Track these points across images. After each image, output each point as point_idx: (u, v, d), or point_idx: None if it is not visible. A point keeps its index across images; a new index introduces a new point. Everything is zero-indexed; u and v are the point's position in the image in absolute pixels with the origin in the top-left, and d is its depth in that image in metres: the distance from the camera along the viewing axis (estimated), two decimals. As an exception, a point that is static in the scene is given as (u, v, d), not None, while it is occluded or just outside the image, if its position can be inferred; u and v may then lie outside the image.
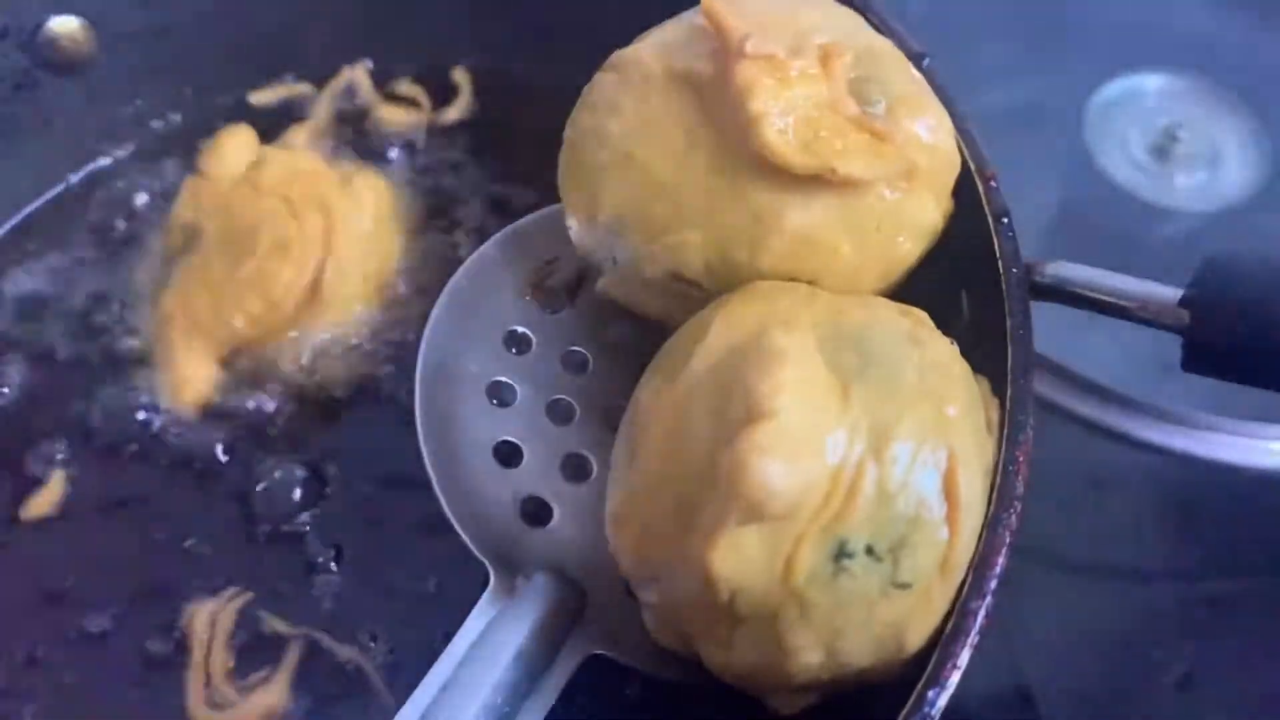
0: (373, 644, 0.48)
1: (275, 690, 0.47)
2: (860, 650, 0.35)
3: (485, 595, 0.40)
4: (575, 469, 0.44)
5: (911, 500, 0.34)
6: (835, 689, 0.37)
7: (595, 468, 0.44)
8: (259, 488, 0.51)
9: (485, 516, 0.42)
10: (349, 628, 0.48)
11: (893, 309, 0.39)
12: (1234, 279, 0.39)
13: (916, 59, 0.43)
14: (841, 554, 0.34)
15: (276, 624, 0.48)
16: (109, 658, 0.48)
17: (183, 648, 0.48)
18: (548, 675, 0.39)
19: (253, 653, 0.48)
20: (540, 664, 0.39)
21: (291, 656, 0.47)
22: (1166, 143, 0.69)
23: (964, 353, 0.39)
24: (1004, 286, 0.40)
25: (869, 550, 0.34)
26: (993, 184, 0.42)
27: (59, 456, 0.52)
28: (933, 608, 0.35)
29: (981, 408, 0.38)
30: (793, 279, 0.39)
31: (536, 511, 0.43)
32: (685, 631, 0.37)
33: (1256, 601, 0.57)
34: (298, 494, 0.51)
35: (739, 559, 0.33)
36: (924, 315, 0.39)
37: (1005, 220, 0.42)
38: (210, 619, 0.48)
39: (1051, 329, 0.43)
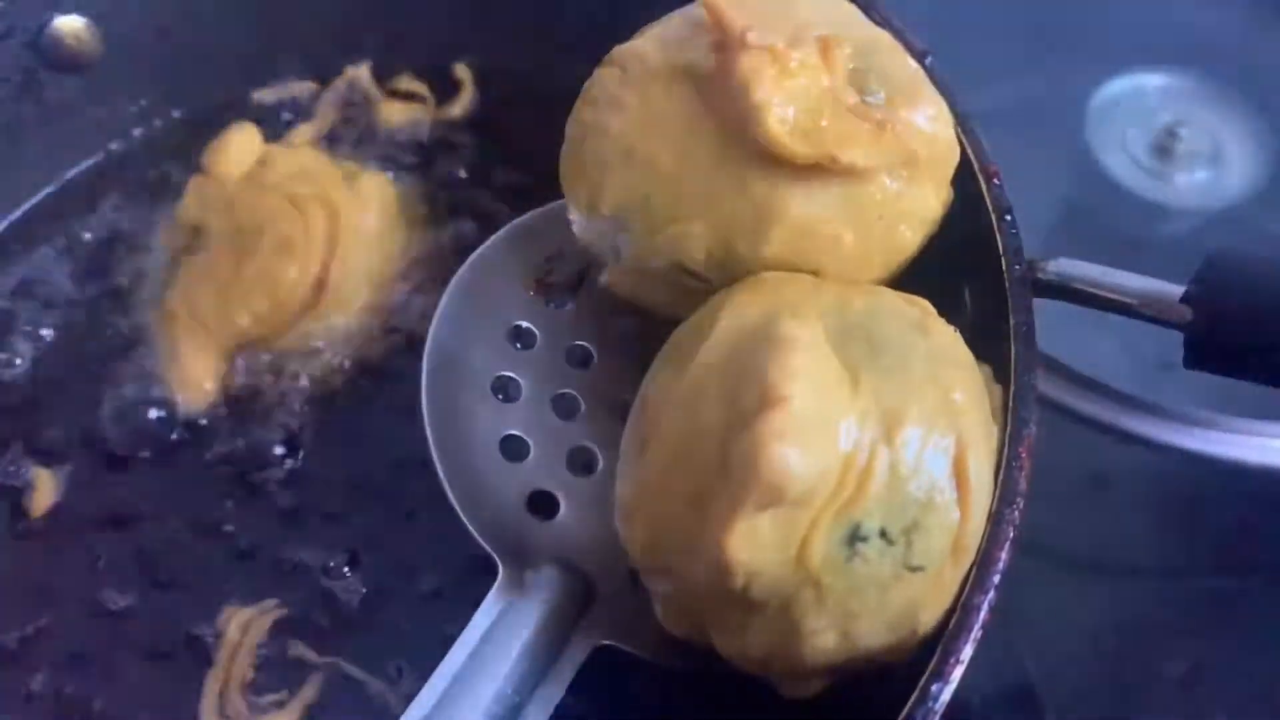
0: (400, 676, 0.47)
1: (287, 717, 0.46)
2: (874, 632, 0.36)
3: (494, 588, 0.41)
4: (581, 462, 0.44)
5: (923, 484, 0.35)
6: (848, 672, 0.37)
7: (601, 461, 0.44)
8: (265, 490, 0.51)
9: (493, 510, 0.43)
10: (373, 654, 0.47)
11: (898, 298, 0.39)
12: (1236, 276, 0.39)
13: (919, 57, 0.43)
14: (855, 538, 0.34)
15: (301, 649, 0.47)
16: (125, 640, 0.48)
17: (203, 646, 0.47)
18: (557, 666, 0.40)
19: (274, 671, 0.47)
20: (550, 655, 0.40)
21: (311, 687, 0.47)
22: (1168, 141, 0.69)
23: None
24: (1006, 283, 0.41)
25: (883, 533, 0.35)
26: (995, 181, 0.43)
27: (62, 451, 0.52)
28: (945, 589, 0.36)
29: (986, 393, 0.38)
30: (795, 269, 0.39)
31: (544, 505, 0.43)
32: (698, 620, 0.38)
33: (1259, 598, 0.57)
34: (302, 496, 0.51)
35: (755, 545, 0.34)
36: (927, 304, 0.39)
37: (1008, 217, 0.42)
38: (244, 626, 0.48)
39: (1054, 327, 0.44)
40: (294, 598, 0.49)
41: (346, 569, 0.49)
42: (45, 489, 0.52)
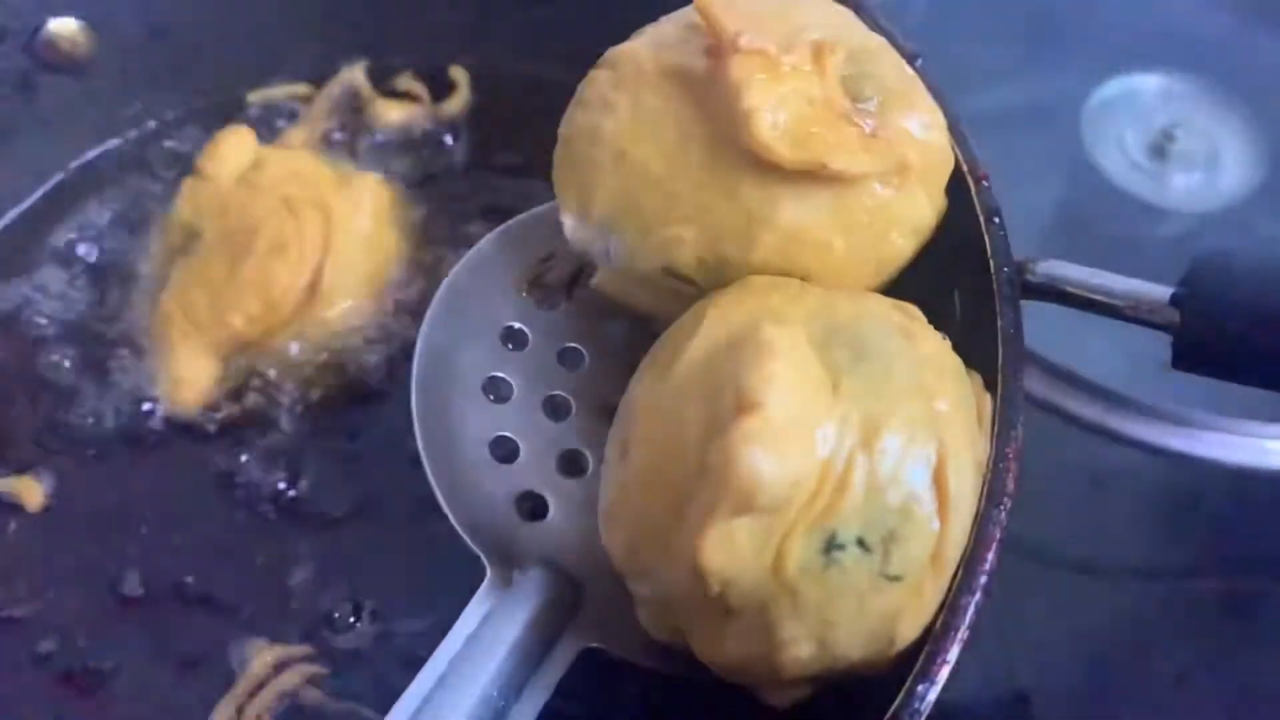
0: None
1: None
2: (852, 642, 0.35)
3: (481, 589, 0.41)
4: (571, 464, 0.44)
5: (901, 493, 0.34)
6: (828, 682, 0.37)
7: (591, 463, 0.44)
8: (260, 493, 0.51)
9: (482, 511, 0.43)
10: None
11: (885, 304, 0.39)
12: (1224, 278, 0.39)
13: (910, 59, 0.43)
14: (832, 546, 0.34)
15: (320, 697, 0.47)
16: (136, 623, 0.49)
17: (212, 656, 0.48)
18: (543, 669, 0.39)
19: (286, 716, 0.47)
20: (536, 657, 0.39)
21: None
22: (1163, 142, 0.69)
23: (957, 350, 0.39)
24: (995, 285, 0.41)
25: (859, 542, 0.34)
26: (984, 183, 0.43)
27: (54, 454, 0.53)
28: (924, 601, 0.35)
29: (973, 403, 0.38)
30: (785, 274, 0.39)
31: (533, 507, 0.43)
32: (678, 625, 0.37)
33: (1253, 600, 0.57)
34: (299, 501, 0.51)
35: (730, 551, 0.34)
36: (916, 310, 0.39)
37: (996, 219, 0.42)
38: (273, 667, 0.47)
39: (1049, 328, 0.44)
40: (299, 625, 0.49)
41: (351, 618, 0.49)
42: (32, 490, 0.52)
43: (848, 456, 0.34)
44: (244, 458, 0.52)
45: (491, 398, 0.45)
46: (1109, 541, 0.58)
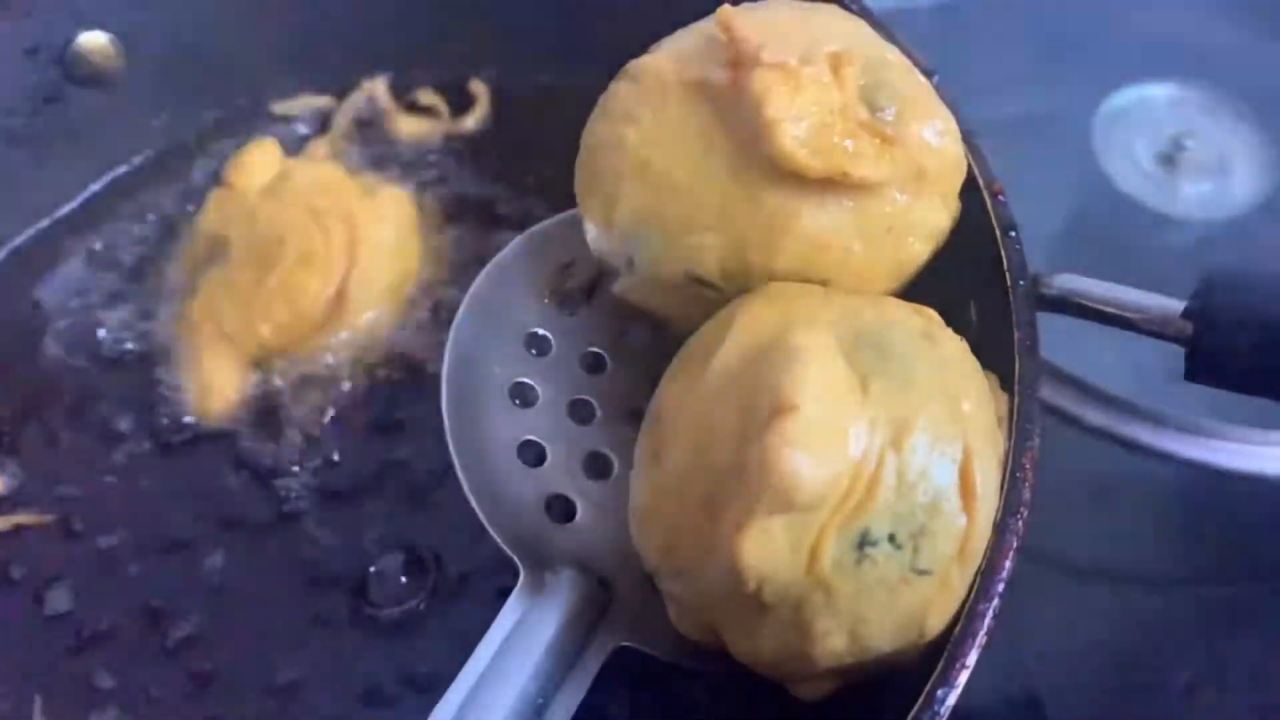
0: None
1: None
2: (883, 635, 0.36)
3: (516, 591, 0.41)
4: (597, 467, 0.45)
5: (930, 490, 0.36)
6: (858, 675, 0.38)
7: (616, 465, 0.45)
8: (287, 500, 0.52)
9: (513, 514, 0.43)
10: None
11: (906, 308, 0.40)
12: (1236, 291, 0.40)
13: (925, 75, 0.43)
14: (865, 542, 0.35)
15: None
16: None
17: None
18: (579, 666, 0.40)
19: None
20: (570, 655, 0.40)
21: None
22: (1174, 152, 0.69)
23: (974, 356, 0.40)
24: (1011, 299, 0.41)
25: (891, 538, 0.35)
26: (1000, 197, 0.43)
27: (80, 462, 0.53)
28: (952, 593, 0.36)
29: (992, 402, 0.39)
30: (806, 279, 0.40)
31: (562, 509, 0.44)
32: (710, 621, 0.38)
33: (1263, 607, 0.57)
34: (324, 506, 0.52)
35: (767, 549, 0.35)
36: (935, 314, 0.40)
37: (1013, 233, 0.43)
38: None
39: (1061, 337, 0.44)
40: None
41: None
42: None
43: (878, 456, 0.35)
44: (271, 464, 0.53)
45: (518, 402, 0.45)
46: (1120, 548, 0.58)
